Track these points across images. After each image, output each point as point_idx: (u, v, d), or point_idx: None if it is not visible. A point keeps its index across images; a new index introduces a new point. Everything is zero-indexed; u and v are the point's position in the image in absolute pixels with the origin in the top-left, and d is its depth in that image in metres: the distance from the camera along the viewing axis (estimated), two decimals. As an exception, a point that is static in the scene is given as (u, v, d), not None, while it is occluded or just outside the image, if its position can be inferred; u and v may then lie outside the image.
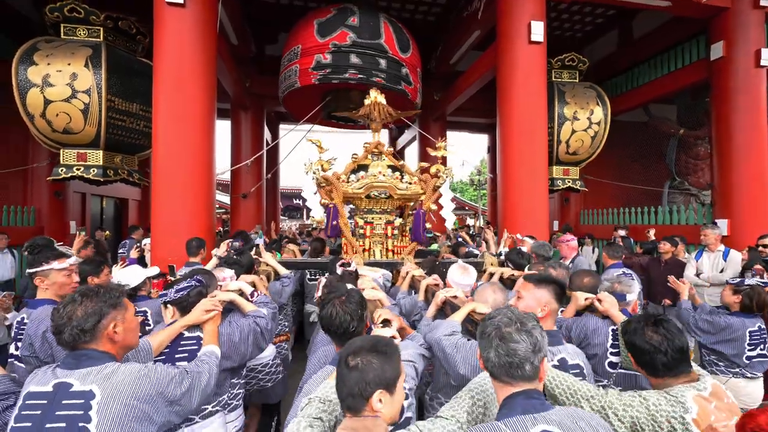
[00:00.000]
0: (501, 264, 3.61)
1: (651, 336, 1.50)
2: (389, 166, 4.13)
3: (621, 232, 7.10)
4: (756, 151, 6.27)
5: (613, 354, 2.16)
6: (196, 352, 1.83)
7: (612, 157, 9.17)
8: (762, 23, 6.39)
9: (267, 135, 10.53)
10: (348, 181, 4.03)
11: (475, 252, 4.92)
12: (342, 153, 4.20)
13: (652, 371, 1.51)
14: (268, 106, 10.11)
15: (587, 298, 2.30)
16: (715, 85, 6.65)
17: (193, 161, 4.92)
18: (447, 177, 4.21)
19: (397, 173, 4.13)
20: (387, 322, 1.73)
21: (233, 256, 3.10)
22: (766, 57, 6.21)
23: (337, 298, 1.67)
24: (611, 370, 2.15)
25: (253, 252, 3.52)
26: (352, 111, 4.47)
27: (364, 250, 4.05)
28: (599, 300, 2.24)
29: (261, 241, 5.50)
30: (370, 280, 2.63)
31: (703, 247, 5.02)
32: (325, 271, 3.29)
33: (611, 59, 9.29)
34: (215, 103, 5.38)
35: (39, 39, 5.37)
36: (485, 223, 10.35)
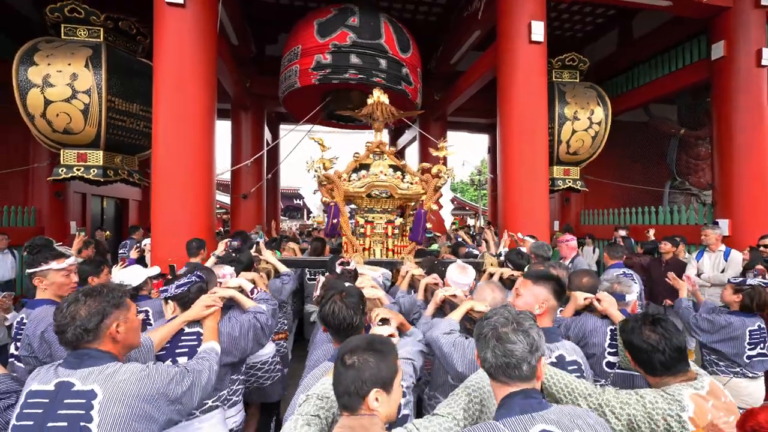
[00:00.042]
0: (501, 264, 3.61)
1: (649, 335, 1.50)
2: (391, 166, 4.12)
3: (622, 233, 7.08)
4: (757, 151, 6.26)
5: (610, 354, 2.15)
6: (197, 347, 1.84)
7: (613, 157, 9.16)
8: (763, 23, 6.38)
9: (267, 135, 10.54)
10: (349, 180, 4.03)
11: (475, 252, 4.91)
12: (341, 153, 4.19)
13: (650, 370, 1.52)
14: (269, 106, 10.11)
15: (586, 298, 2.30)
16: (716, 84, 6.64)
17: (194, 161, 4.91)
18: (448, 177, 4.21)
19: (399, 173, 4.12)
20: (385, 320, 1.73)
21: (231, 254, 3.11)
22: (767, 57, 6.20)
23: (337, 294, 1.67)
24: (609, 370, 2.15)
25: (253, 250, 3.53)
26: (352, 111, 4.47)
27: (365, 249, 4.04)
28: (598, 300, 2.24)
29: (261, 240, 5.51)
30: (370, 279, 2.64)
31: (704, 247, 5.01)
32: (325, 270, 3.29)
33: (612, 59, 9.27)
34: (215, 103, 5.38)
35: (39, 39, 5.38)
36: (486, 224, 10.33)
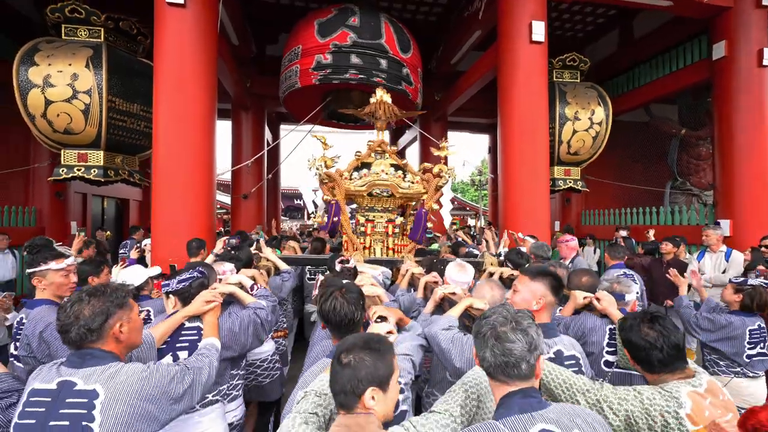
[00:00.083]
0: (500, 264, 3.61)
1: (647, 332, 1.51)
2: (392, 165, 4.12)
3: (623, 233, 7.07)
4: (758, 151, 6.24)
5: (609, 353, 2.15)
6: (197, 342, 1.86)
7: (613, 158, 9.15)
8: (764, 23, 6.37)
9: (268, 135, 10.55)
10: (350, 179, 4.02)
11: (475, 252, 4.91)
12: (341, 153, 4.19)
13: (648, 367, 1.52)
14: (269, 106, 10.12)
15: (585, 297, 2.30)
16: (717, 84, 6.63)
17: (194, 162, 4.92)
18: (449, 177, 4.20)
19: (400, 172, 4.12)
20: (383, 318, 1.73)
21: (231, 252, 3.11)
22: (768, 57, 6.20)
23: (337, 290, 1.67)
24: (607, 369, 2.15)
25: (253, 247, 3.53)
26: (355, 109, 4.46)
27: (365, 247, 4.04)
28: (597, 299, 2.23)
29: (261, 238, 5.51)
30: (370, 277, 2.64)
31: (705, 247, 5.00)
32: (325, 268, 3.28)
33: (612, 59, 9.27)
34: (216, 103, 5.38)
35: (40, 39, 5.39)
36: (487, 224, 10.33)
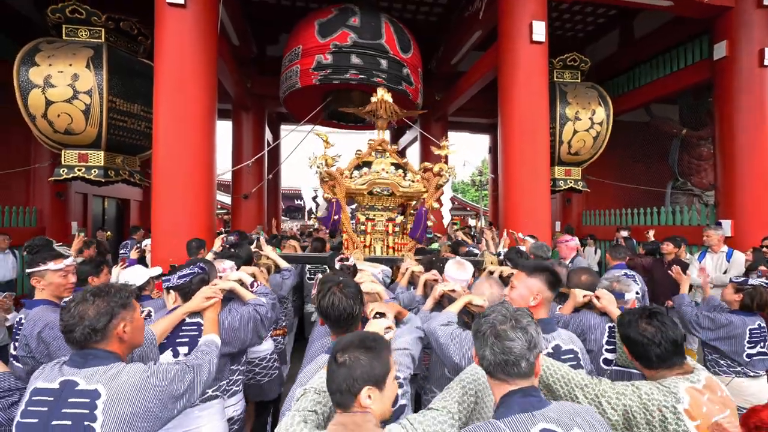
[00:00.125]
0: (500, 263, 3.61)
1: (645, 328, 1.51)
2: (393, 164, 4.12)
3: (623, 233, 7.05)
4: (759, 151, 6.23)
5: (608, 351, 2.15)
6: (197, 338, 1.87)
7: (614, 158, 9.14)
8: (766, 23, 6.35)
9: (268, 135, 10.56)
10: (351, 177, 4.03)
11: (476, 251, 4.91)
12: (342, 153, 4.20)
13: (647, 363, 1.52)
14: (269, 106, 10.13)
15: (585, 295, 2.30)
16: (718, 84, 6.62)
17: (194, 162, 4.92)
18: (450, 176, 4.20)
19: (400, 171, 4.12)
20: (381, 314, 1.73)
21: (230, 250, 3.11)
22: (769, 57, 6.18)
23: (335, 285, 1.66)
24: (606, 367, 2.15)
25: (253, 246, 3.54)
26: (356, 109, 4.46)
27: (365, 246, 4.05)
28: (597, 297, 2.23)
29: (262, 236, 5.52)
30: (369, 274, 2.64)
31: (706, 248, 4.98)
32: (325, 267, 3.28)
33: (613, 59, 9.26)
34: (216, 103, 5.39)
35: (41, 40, 5.40)
36: (487, 224, 10.32)
